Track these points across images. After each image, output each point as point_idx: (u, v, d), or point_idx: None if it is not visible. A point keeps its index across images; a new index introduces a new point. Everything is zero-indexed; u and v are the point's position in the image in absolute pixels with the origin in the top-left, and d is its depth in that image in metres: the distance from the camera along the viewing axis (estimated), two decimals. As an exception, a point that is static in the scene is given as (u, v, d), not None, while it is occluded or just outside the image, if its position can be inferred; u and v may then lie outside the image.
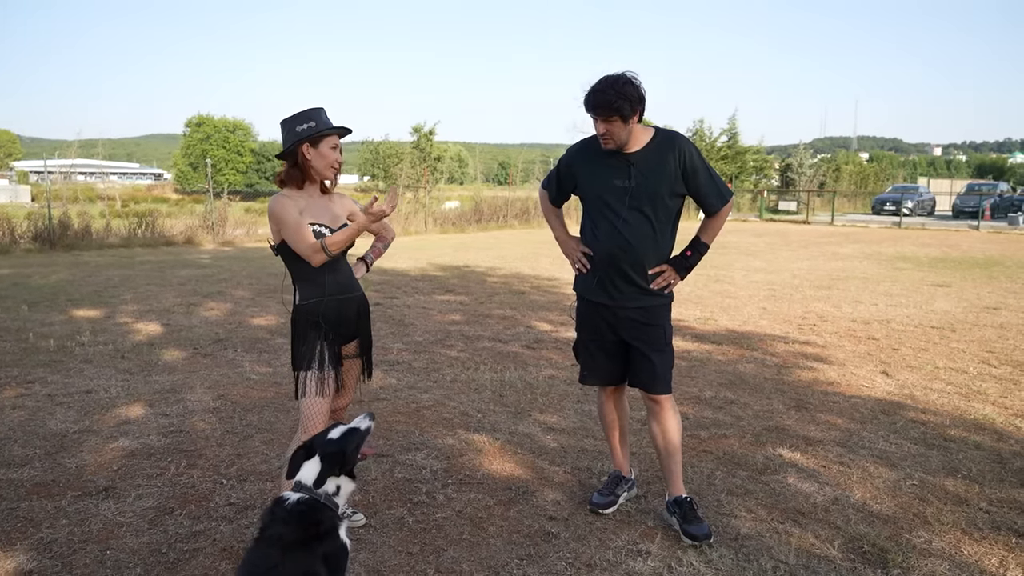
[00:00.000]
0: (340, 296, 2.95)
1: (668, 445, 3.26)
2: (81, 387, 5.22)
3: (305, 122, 2.85)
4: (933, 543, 3.11)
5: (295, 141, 2.84)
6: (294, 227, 2.79)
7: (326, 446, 2.27)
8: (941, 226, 25.35)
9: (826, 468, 3.90)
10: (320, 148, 2.87)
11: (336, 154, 2.93)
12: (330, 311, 2.91)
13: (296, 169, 2.90)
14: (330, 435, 2.31)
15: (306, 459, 2.26)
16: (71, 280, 10.54)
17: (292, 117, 2.88)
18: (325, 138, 2.88)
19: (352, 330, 3.03)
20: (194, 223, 18.10)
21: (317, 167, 2.89)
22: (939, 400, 5.11)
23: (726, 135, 37.62)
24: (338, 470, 2.24)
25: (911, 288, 10.47)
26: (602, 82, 2.97)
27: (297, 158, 2.88)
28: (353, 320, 3.02)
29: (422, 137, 34.12)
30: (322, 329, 2.90)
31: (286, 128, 2.88)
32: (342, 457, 2.25)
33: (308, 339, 2.91)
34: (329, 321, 2.91)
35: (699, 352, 6.43)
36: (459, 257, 14.32)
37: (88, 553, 2.97)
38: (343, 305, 2.96)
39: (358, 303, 3.05)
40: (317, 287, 2.90)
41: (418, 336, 7.00)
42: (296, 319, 2.95)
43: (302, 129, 2.84)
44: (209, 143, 54.59)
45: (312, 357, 2.89)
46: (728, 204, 3.22)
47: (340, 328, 2.97)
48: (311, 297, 2.91)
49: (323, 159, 2.88)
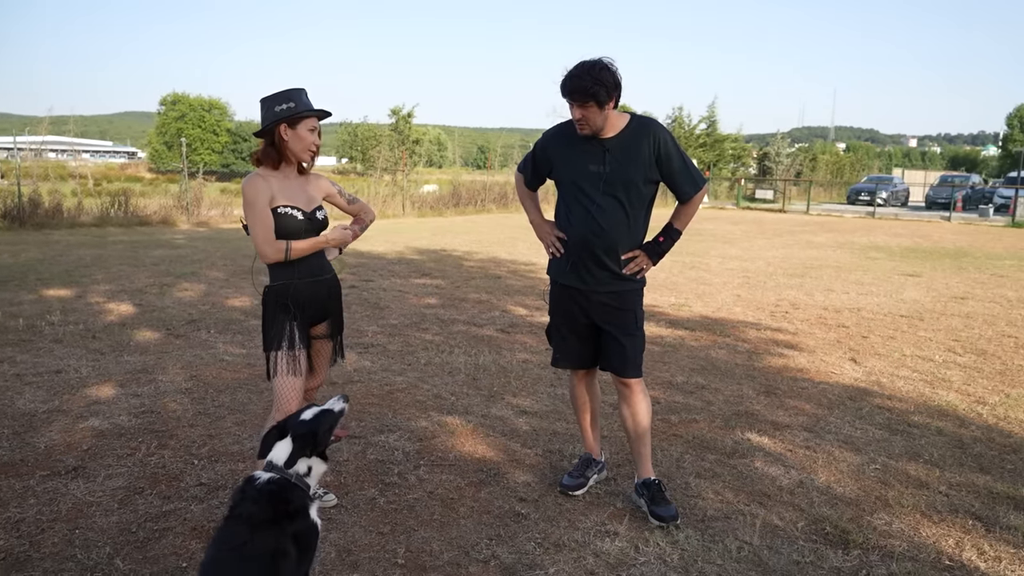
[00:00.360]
0: (310, 279, 2.94)
1: (638, 428, 3.30)
2: (51, 367, 5.16)
3: (285, 102, 2.83)
4: (893, 525, 3.19)
5: (273, 121, 2.82)
6: (260, 216, 2.79)
7: (298, 427, 2.28)
8: (914, 217, 25.71)
9: (793, 452, 3.97)
10: (298, 130, 2.85)
11: (313, 137, 2.90)
12: (299, 293, 2.91)
13: (272, 149, 2.88)
14: (303, 416, 2.33)
15: (278, 439, 2.27)
16: (41, 259, 10.38)
17: (272, 96, 2.85)
18: (303, 120, 2.85)
19: (322, 311, 3.03)
20: (168, 203, 17.86)
21: (294, 149, 2.87)
22: (905, 387, 5.22)
23: (705, 123, 37.75)
24: (309, 451, 2.25)
25: (882, 277, 10.63)
26: (579, 67, 2.98)
27: (274, 138, 2.86)
28: (323, 301, 3.02)
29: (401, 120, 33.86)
30: (291, 311, 2.90)
31: (265, 107, 2.85)
32: (313, 438, 2.27)
33: (277, 320, 2.90)
34: (298, 303, 2.91)
35: (672, 338, 6.50)
36: (436, 241, 14.29)
37: (57, 532, 2.96)
38: (313, 287, 2.95)
39: (328, 285, 3.04)
40: (288, 269, 2.89)
41: (393, 319, 7.00)
42: (266, 300, 2.94)
43: (281, 109, 2.82)
44: (184, 122, 53.76)
45: (282, 337, 2.89)
46: (701, 191, 3.25)
47: (309, 310, 2.96)
48: (281, 279, 2.90)
49: (300, 141, 2.86)
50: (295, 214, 2.85)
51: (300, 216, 2.86)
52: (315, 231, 2.95)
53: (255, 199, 2.79)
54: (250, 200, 2.79)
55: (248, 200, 2.80)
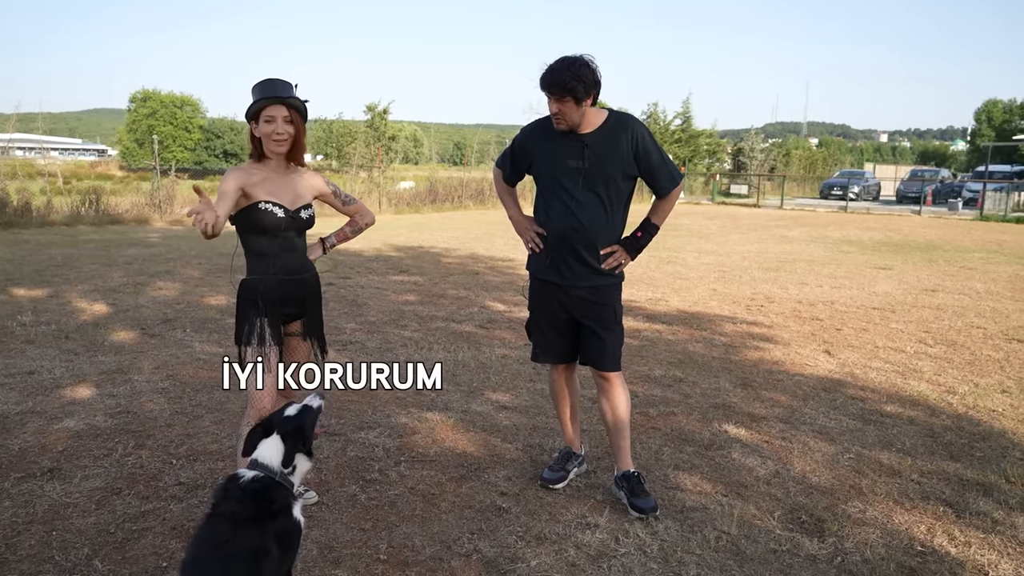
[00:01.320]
0: (284, 276, 2.89)
1: (617, 421, 3.33)
2: (23, 368, 5.09)
3: (253, 97, 2.80)
4: (867, 512, 3.25)
5: (248, 118, 2.81)
6: (221, 194, 2.70)
7: (284, 424, 2.28)
8: (885, 211, 26.09)
9: (769, 443, 4.03)
10: (260, 123, 2.78)
11: (273, 126, 2.75)
12: (271, 290, 2.86)
13: (251, 144, 2.88)
14: (287, 413, 2.32)
15: (263, 437, 2.26)
16: (10, 259, 10.20)
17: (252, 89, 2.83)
18: (261, 111, 2.76)
19: (297, 310, 2.98)
20: (141, 201, 17.64)
21: (266, 143, 2.82)
22: (877, 378, 5.31)
23: (680, 119, 37.99)
24: (301, 447, 2.26)
25: (855, 271, 10.79)
26: (559, 62, 3.00)
27: (251, 133, 2.85)
28: (297, 301, 2.97)
29: (376, 116, 33.69)
30: (259, 307, 2.85)
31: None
32: (302, 433, 2.27)
33: (247, 315, 2.87)
34: (268, 300, 2.86)
35: (650, 332, 6.55)
36: (414, 237, 14.26)
37: (33, 534, 2.93)
38: (286, 285, 2.90)
39: (305, 284, 2.99)
40: (263, 264, 2.86)
41: (372, 316, 6.98)
42: (239, 295, 2.91)
43: (250, 106, 2.80)
44: (155, 119, 53.07)
45: (251, 333, 2.85)
46: (679, 186, 3.28)
47: (282, 307, 2.92)
48: (255, 273, 2.88)
49: (263, 135, 2.79)
50: (275, 211, 2.80)
51: (281, 213, 2.81)
52: (297, 229, 2.91)
53: (223, 186, 2.73)
54: (220, 188, 2.74)
55: (220, 187, 2.75)
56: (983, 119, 62.15)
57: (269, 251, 2.85)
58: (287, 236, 2.89)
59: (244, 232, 2.88)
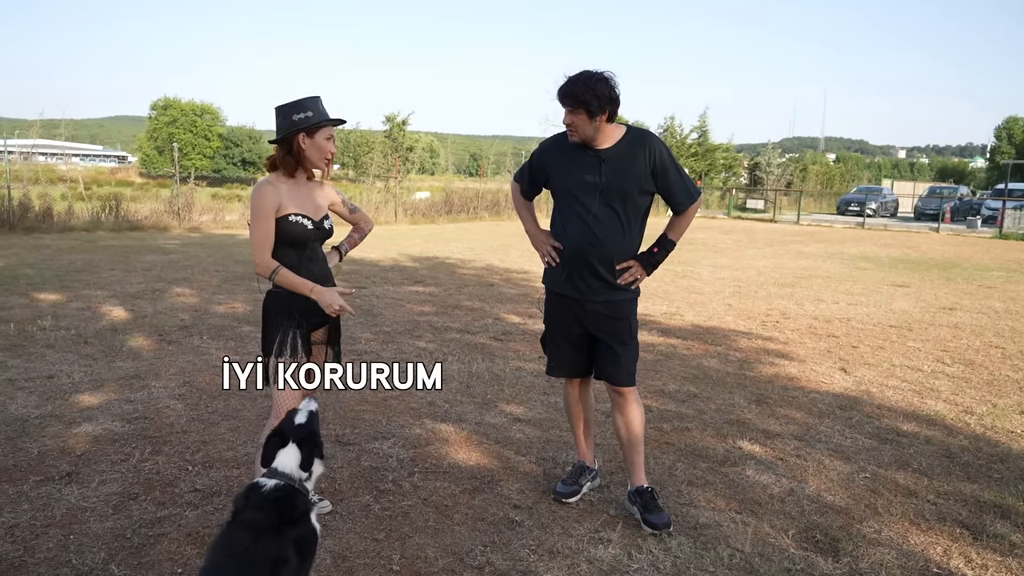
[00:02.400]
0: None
1: (631, 436, 3.33)
2: (43, 372, 5.15)
3: (303, 111, 2.86)
4: (882, 533, 3.23)
5: (292, 130, 2.85)
6: (262, 226, 2.81)
7: (299, 431, 2.30)
8: (903, 227, 25.89)
9: (783, 460, 4.01)
10: (316, 139, 2.89)
11: (330, 145, 2.94)
12: (304, 301, 2.90)
13: (290, 157, 2.90)
14: (297, 421, 2.34)
15: (281, 447, 2.28)
16: (32, 263, 10.34)
17: (289, 105, 2.88)
18: (321, 129, 2.89)
19: (323, 318, 3.04)
20: (160, 208, 17.81)
21: (311, 157, 2.91)
22: (894, 396, 5.27)
23: (696, 132, 37.98)
24: (318, 452, 2.29)
25: (871, 288, 10.72)
26: (577, 75, 3.03)
27: (292, 147, 2.88)
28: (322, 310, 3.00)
29: (395, 126, 33.91)
30: (295, 318, 2.91)
31: (282, 115, 2.88)
32: (316, 438, 2.30)
33: (281, 327, 2.91)
34: (303, 311, 2.92)
35: (664, 346, 6.54)
36: (429, 248, 14.31)
37: (51, 537, 2.97)
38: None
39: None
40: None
41: (387, 326, 7.01)
42: (268, 306, 2.95)
43: (299, 118, 2.85)
44: (176, 127, 53.60)
45: (284, 344, 2.90)
46: (696, 203, 3.29)
47: (312, 317, 2.97)
48: None
49: (318, 150, 2.91)
50: (305, 223, 2.88)
51: (310, 225, 2.89)
52: (322, 240, 3.00)
53: (261, 207, 2.82)
54: (256, 208, 2.83)
55: (255, 208, 2.84)
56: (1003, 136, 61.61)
57: (297, 262, 2.90)
58: (313, 247, 2.98)
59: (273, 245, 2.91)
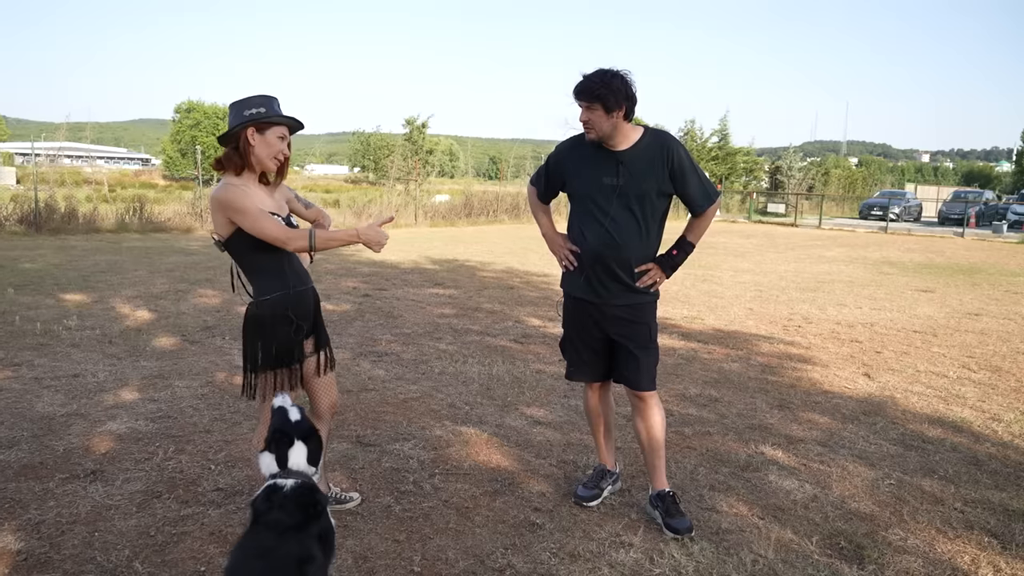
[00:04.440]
0: (300, 288, 2.85)
1: (652, 441, 3.31)
2: (68, 371, 5.22)
3: (256, 107, 2.70)
4: (908, 541, 3.18)
5: (240, 123, 2.69)
6: (260, 215, 2.65)
7: (300, 428, 2.29)
8: (927, 232, 25.60)
9: (807, 466, 3.97)
10: (267, 135, 2.71)
11: (282, 145, 2.77)
12: (298, 303, 2.82)
13: (236, 153, 2.72)
14: (292, 418, 2.32)
15: (288, 447, 2.28)
16: (58, 264, 10.48)
17: (243, 100, 2.74)
18: (273, 126, 2.73)
19: (312, 323, 2.94)
20: (183, 210, 18.02)
21: (259, 154, 2.72)
22: (919, 403, 5.20)
23: (717, 136, 37.80)
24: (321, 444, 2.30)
25: (895, 293, 10.60)
26: (594, 72, 3.03)
27: (239, 142, 2.71)
28: (311, 312, 2.94)
29: (415, 130, 34.04)
30: (294, 323, 2.79)
31: (234, 111, 2.72)
32: (316, 432, 2.31)
33: (277, 335, 2.78)
34: (298, 313, 2.82)
35: (685, 350, 6.50)
36: (449, 251, 14.34)
37: (76, 534, 3.00)
38: (304, 296, 2.87)
39: (313, 294, 2.96)
40: (278, 279, 2.78)
41: (407, 328, 7.03)
42: (259, 314, 2.78)
43: (250, 113, 2.69)
44: (199, 129, 54.14)
45: (283, 353, 2.80)
46: (715, 204, 3.27)
47: (305, 321, 2.88)
48: (274, 290, 2.77)
49: (268, 147, 2.72)
50: (279, 221, 2.72)
51: (283, 223, 2.74)
52: None
53: (243, 202, 2.64)
54: (239, 205, 2.64)
55: (236, 206, 2.64)
56: (1030, 140, 60.71)
57: (279, 265, 2.78)
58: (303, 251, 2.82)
59: (248, 251, 2.75)
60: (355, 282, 9.72)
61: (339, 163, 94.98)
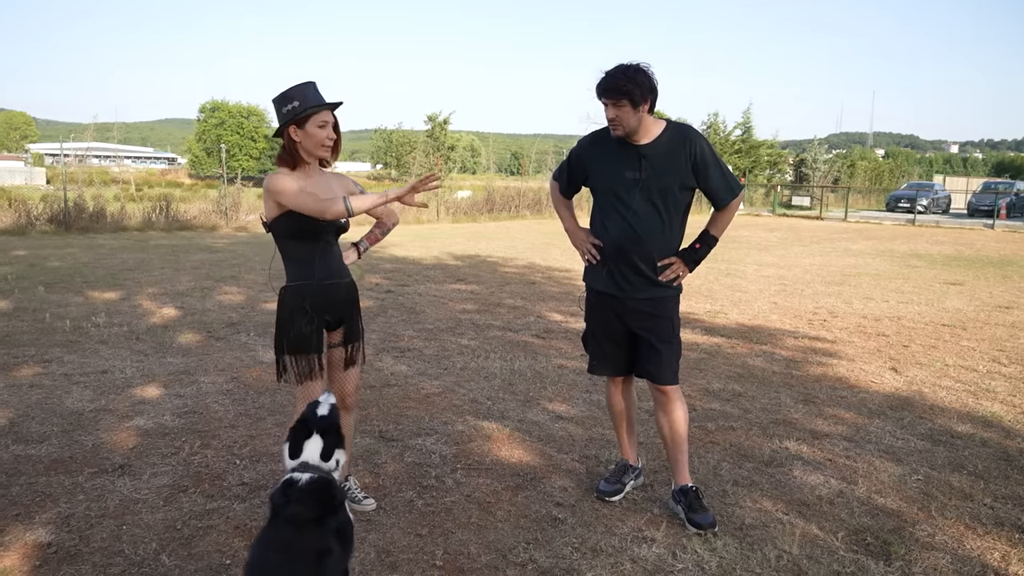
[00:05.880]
0: (328, 281, 2.90)
1: (674, 435, 3.29)
2: (97, 367, 5.30)
3: (289, 103, 2.74)
4: (936, 537, 3.13)
5: (282, 124, 2.76)
6: (295, 192, 2.70)
7: (321, 422, 2.30)
8: (956, 224, 25.17)
9: (832, 461, 3.93)
10: (307, 128, 2.76)
11: (326, 131, 2.79)
12: (317, 295, 2.87)
13: (287, 152, 2.81)
14: (319, 412, 2.34)
15: (306, 438, 2.29)
16: (86, 262, 10.65)
17: (279, 97, 2.78)
18: (312, 116, 2.76)
19: (339, 316, 2.99)
20: (208, 208, 18.24)
21: (307, 147, 2.79)
22: (947, 397, 5.12)
23: (740, 129, 37.47)
24: (339, 443, 2.30)
25: (923, 286, 10.44)
26: (615, 68, 3.01)
27: (286, 141, 2.79)
28: (340, 305, 2.98)
29: (436, 126, 34.12)
30: (308, 313, 2.85)
31: (276, 108, 2.80)
32: (338, 429, 2.32)
33: (294, 323, 2.86)
34: (316, 306, 2.87)
35: (708, 345, 6.46)
36: (471, 246, 14.36)
37: (105, 528, 3.04)
38: (331, 290, 2.91)
39: (346, 289, 3.00)
40: (306, 269, 2.86)
41: (429, 324, 7.05)
42: (283, 300, 2.90)
43: (287, 110, 2.74)
44: (223, 128, 54.72)
45: (298, 341, 2.86)
46: (738, 198, 3.24)
47: (326, 313, 2.93)
48: (299, 279, 2.87)
49: (311, 139, 2.77)
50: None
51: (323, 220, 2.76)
52: (336, 233, 2.91)
53: (285, 186, 2.72)
54: (280, 188, 2.72)
55: (278, 189, 2.72)
56: (1062, 130, 59.45)
57: (310, 256, 2.84)
58: (327, 240, 2.89)
59: (284, 238, 2.86)
60: (377, 278, 9.77)
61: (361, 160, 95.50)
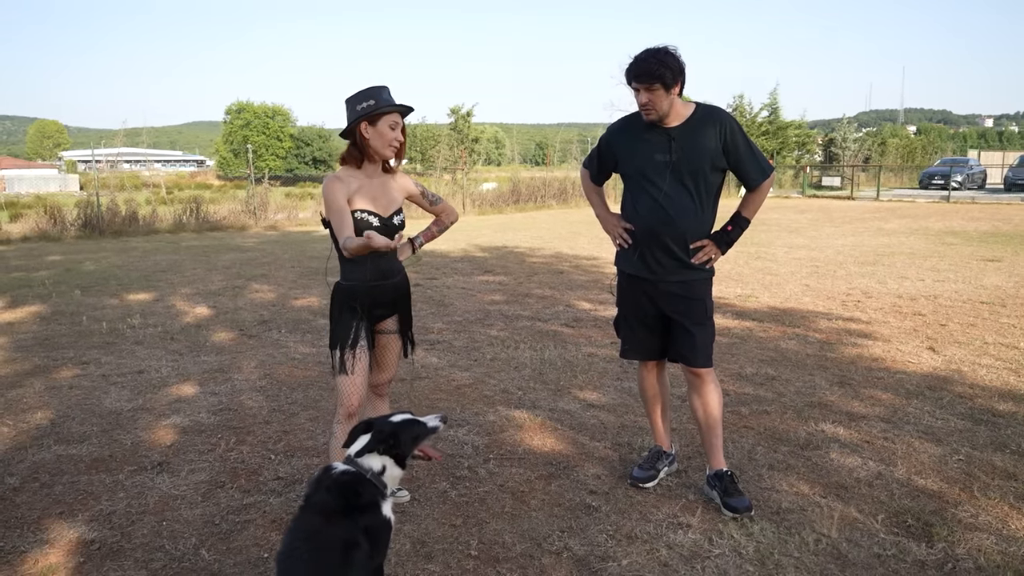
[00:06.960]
0: (378, 281, 2.97)
1: (709, 419, 3.26)
2: (133, 367, 5.39)
3: (365, 100, 2.86)
4: (979, 517, 3.07)
5: (354, 120, 2.87)
6: (336, 214, 2.82)
7: (382, 424, 2.31)
8: (992, 200, 24.60)
9: (870, 443, 3.86)
10: (378, 126, 2.87)
11: (396, 133, 2.91)
12: (367, 295, 2.95)
13: (355, 148, 2.91)
14: (392, 417, 2.34)
15: (364, 433, 2.31)
16: (120, 265, 10.83)
17: (354, 96, 2.89)
18: (384, 116, 2.87)
19: (389, 310, 3.07)
20: (237, 208, 18.44)
21: (375, 146, 2.89)
22: (987, 375, 5.01)
23: (767, 110, 36.91)
24: (382, 448, 2.25)
25: (959, 263, 10.22)
26: (643, 52, 2.99)
27: (355, 138, 2.90)
28: (390, 302, 3.06)
29: (460, 118, 34.12)
30: (357, 313, 2.95)
31: (348, 107, 2.90)
32: (393, 438, 2.26)
33: (343, 320, 2.96)
34: (365, 305, 2.96)
35: (740, 329, 6.39)
36: (498, 238, 14.36)
37: (145, 524, 3.10)
38: (380, 290, 2.99)
39: (397, 287, 3.07)
40: (360, 269, 2.94)
41: (458, 316, 7.06)
42: (335, 297, 3.01)
43: (361, 108, 2.86)
44: (249, 129, 55.31)
45: (347, 337, 2.94)
46: (769, 179, 3.19)
47: (376, 311, 3.01)
48: (352, 279, 2.95)
49: (381, 138, 2.88)
50: (370, 219, 2.87)
51: (376, 221, 2.88)
52: (390, 235, 2.94)
53: (331, 200, 2.84)
54: (327, 201, 2.86)
55: (326, 200, 2.86)
56: (1101, 99, 57.78)
57: (363, 257, 2.91)
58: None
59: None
60: (415, 267, 9.80)
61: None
